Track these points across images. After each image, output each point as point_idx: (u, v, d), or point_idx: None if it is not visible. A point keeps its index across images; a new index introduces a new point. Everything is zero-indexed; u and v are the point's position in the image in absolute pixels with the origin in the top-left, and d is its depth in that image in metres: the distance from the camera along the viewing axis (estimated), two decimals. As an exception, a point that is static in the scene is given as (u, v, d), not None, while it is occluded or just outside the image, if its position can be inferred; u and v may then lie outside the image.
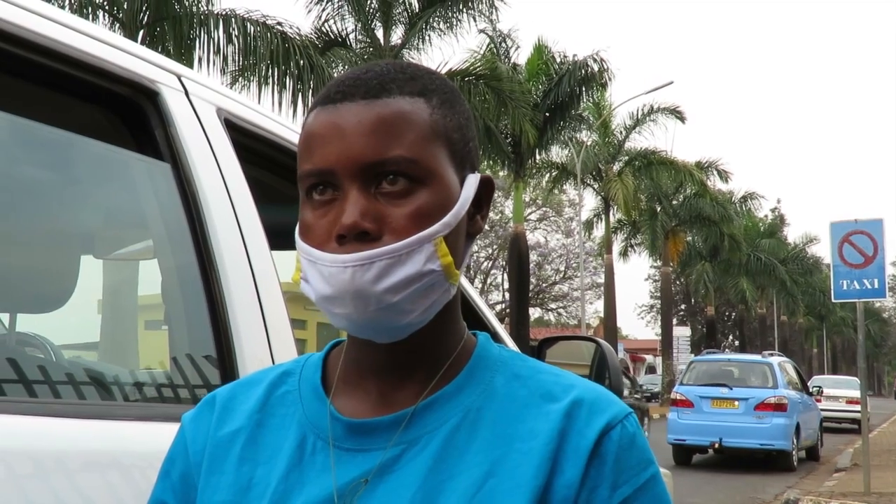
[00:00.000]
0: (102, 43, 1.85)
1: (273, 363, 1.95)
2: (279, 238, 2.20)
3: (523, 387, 1.13)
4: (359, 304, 1.06)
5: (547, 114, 28.47)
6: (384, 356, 1.14)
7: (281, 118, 2.45)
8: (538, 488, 1.05)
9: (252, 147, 2.25)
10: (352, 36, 24.92)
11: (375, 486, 1.07)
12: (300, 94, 18.35)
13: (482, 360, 1.17)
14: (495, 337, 2.96)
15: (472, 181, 1.15)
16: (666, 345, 44.80)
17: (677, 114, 36.33)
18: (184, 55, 16.67)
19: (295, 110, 18.42)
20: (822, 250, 68.63)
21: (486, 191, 1.19)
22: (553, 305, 50.74)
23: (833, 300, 13.18)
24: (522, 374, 1.16)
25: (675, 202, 43.04)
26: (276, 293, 2.06)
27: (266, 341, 1.97)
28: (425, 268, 1.06)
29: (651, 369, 62.27)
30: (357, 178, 1.06)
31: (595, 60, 28.06)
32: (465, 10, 24.21)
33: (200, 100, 2.07)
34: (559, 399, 1.11)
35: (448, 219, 1.09)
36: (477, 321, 2.94)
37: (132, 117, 1.96)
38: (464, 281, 2.86)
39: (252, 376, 1.26)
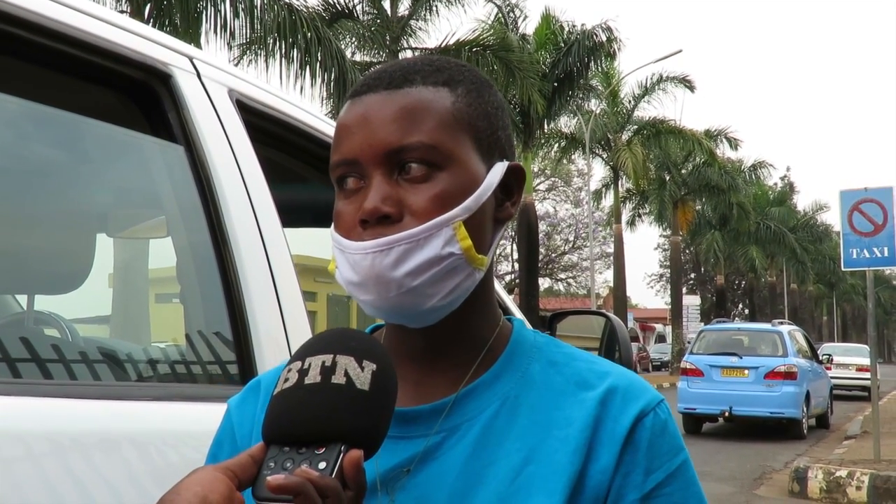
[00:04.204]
0: (115, 27, 1.87)
1: (287, 340, 1.98)
2: (291, 216, 2.22)
3: (559, 374, 1.16)
4: (381, 289, 1.09)
5: (555, 84, 28.38)
6: (419, 341, 1.16)
7: (291, 98, 2.47)
8: (574, 474, 1.08)
9: (263, 127, 2.26)
10: (359, 7, 24.82)
11: (417, 472, 1.10)
12: (307, 67, 18.27)
13: (519, 347, 1.20)
14: (506, 314, 2.99)
15: (499, 168, 1.17)
16: (676, 314, 44.81)
17: (686, 82, 36.16)
18: (191, 29, 16.59)
19: (302, 84, 18.36)
20: (832, 218, 68.34)
21: (516, 178, 1.20)
22: (562, 275, 50.82)
23: (843, 269, 13.15)
24: (558, 360, 1.18)
25: (684, 171, 42.93)
26: (288, 271, 2.08)
27: (280, 319, 2.00)
28: (444, 251, 1.09)
29: (661, 338, 62.30)
30: (380, 165, 1.10)
31: (603, 29, 28.00)
32: (472, -22, 24.10)
33: (212, 81, 2.08)
34: (594, 387, 1.13)
35: (469, 203, 1.11)
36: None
37: (146, 100, 1.98)
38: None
39: None
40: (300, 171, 2.64)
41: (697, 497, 1.13)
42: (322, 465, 0.95)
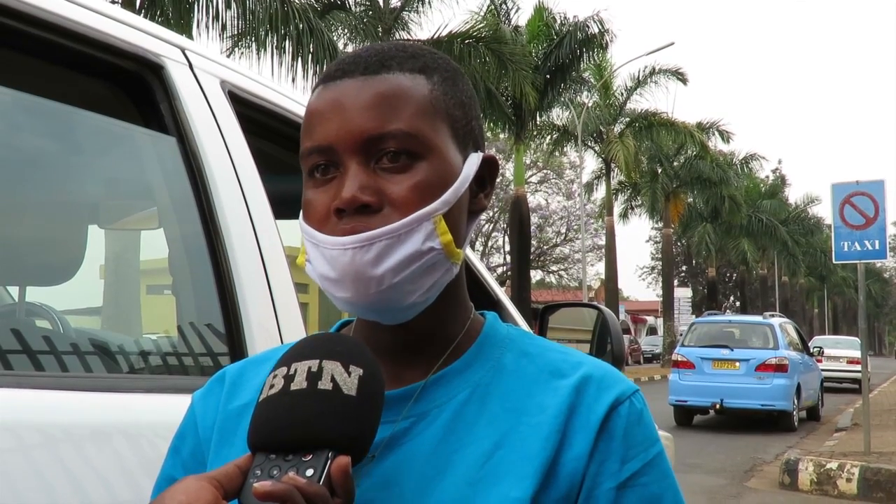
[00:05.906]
0: (107, 18, 1.86)
1: (280, 332, 1.97)
2: (283, 208, 2.22)
3: (532, 364, 1.15)
4: (360, 286, 1.06)
5: (548, 76, 28.39)
6: (391, 336, 1.14)
7: (283, 89, 2.46)
8: (546, 460, 1.06)
9: (256, 119, 2.26)
10: (351, -2, 24.77)
11: (383, 458, 1.08)
12: (299, 59, 18.23)
13: (490, 338, 1.18)
14: (498, 306, 3.00)
15: (475, 160, 1.15)
16: (667, 306, 44.89)
17: (679, 75, 36.18)
18: (182, 20, 16.54)
19: (294, 75, 18.33)
20: (824, 210, 68.49)
21: (489, 170, 1.19)
22: (554, 268, 50.80)
23: (834, 261, 13.17)
24: (531, 351, 1.17)
25: (675, 164, 42.99)
26: (281, 263, 2.07)
27: (273, 311, 1.99)
28: (425, 246, 1.06)
29: (652, 331, 62.48)
30: (357, 152, 1.06)
31: (595, 21, 27.99)
32: (465, -30, 24.08)
33: (204, 73, 2.08)
34: (568, 375, 1.12)
35: (447, 196, 1.09)
36: (480, 290, 2.95)
37: (138, 91, 1.97)
38: (468, 251, 2.87)
39: (261, 355, 1.27)
40: (292, 163, 2.63)
41: (673, 489, 1.12)
42: (309, 472, 0.94)
